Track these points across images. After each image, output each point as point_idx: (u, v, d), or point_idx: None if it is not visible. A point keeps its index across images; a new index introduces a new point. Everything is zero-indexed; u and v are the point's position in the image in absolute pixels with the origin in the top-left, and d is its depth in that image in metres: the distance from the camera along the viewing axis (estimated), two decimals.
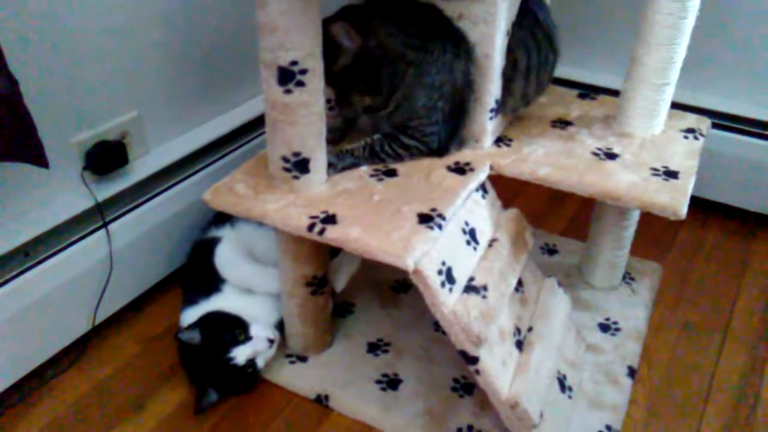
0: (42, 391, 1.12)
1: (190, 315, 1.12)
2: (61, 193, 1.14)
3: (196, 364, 1.09)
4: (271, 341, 1.09)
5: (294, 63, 0.88)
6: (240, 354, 1.06)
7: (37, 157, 0.93)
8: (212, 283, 1.16)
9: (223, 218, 1.25)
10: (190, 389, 1.12)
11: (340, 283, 1.24)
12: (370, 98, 1.03)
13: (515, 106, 1.13)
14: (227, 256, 1.18)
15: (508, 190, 1.18)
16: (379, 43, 0.98)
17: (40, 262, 1.08)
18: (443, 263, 0.91)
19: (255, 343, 1.08)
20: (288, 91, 0.90)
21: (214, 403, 1.09)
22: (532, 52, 1.08)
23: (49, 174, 1.05)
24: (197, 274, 1.20)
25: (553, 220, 1.57)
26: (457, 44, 1.00)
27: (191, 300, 1.15)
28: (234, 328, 1.08)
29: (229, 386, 1.09)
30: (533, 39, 1.07)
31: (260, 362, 1.09)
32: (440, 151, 1.06)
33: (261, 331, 1.09)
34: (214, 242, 1.20)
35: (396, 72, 0.99)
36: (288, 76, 0.89)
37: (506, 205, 1.11)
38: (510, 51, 1.05)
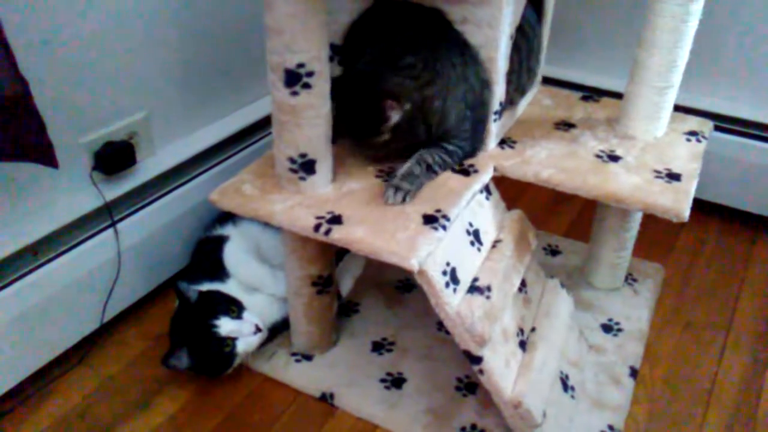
0: (50, 388, 1.14)
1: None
2: (70, 192, 1.15)
3: (181, 320, 1.11)
4: (257, 329, 1.10)
5: (301, 65, 0.90)
6: (224, 325, 1.08)
7: (48, 158, 0.95)
8: (218, 274, 1.18)
9: (226, 217, 1.26)
10: (197, 385, 1.14)
11: (345, 287, 1.25)
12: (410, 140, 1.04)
13: (513, 98, 1.15)
14: (238, 255, 1.19)
15: (511, 191, 1.19)
16: (412, 104, 0.99)
17: (48, 261, 1.09)
18: (447, 264, 0.92)
19: (242, 324, 1.09)
20: (294, 93, 0.92)
21: (180, 368, 1.09)
22: (521, 43, 1.09)
23: (58, 174, 1.07)
24: (203, 264, 1.22)
25: (555, 221, 1.58)
26: (461, 52, 1.02)
27: (194, 280, 1.17)
28: (230, 304, 1.11)
29: (202, 354, 1.08)
30: (520, 29, 1.08)
31: (239, 347, 1.09)
32: (473, 152, 1.09)
33: (252, 318, 1.11)
34: (222, 240, 1.22)
35: (426, 113, 1.00)
36: (294, 79, 0.90)
37: (509, 206, 1.12)
38: None
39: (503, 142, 1.14)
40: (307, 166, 0.98)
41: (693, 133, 1.17)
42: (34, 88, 0.91)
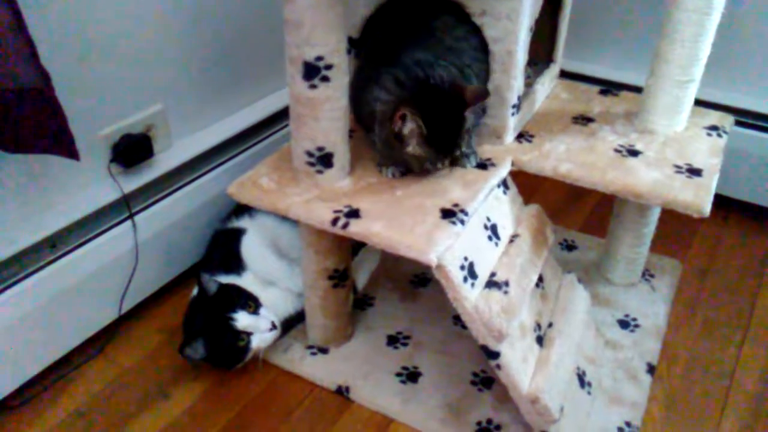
0: (69, 379, 1.15)
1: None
2: (88, 185, 1.16)
3: (198, 312, 1.12)
4: (273, 326, 1.11)
5: (319, 58, 0.89)
6: (242, 319, 1.08)
7: (69, 150, 0.95)
8: (234, 267, 1.19)
9: (243, 210, 1.26)
10: (213, 377, 1.15)
11: (360, 281, 1.26)
12: None
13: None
14: (256, 248, 1.20)
15: (527, 185, 1.18)
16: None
17: (67, 253, 1.10)
18: (465, 258, 0.92)
19: (259, 319, 1.10)
20: (313, 86, 0.91)
21: (196, 359, 1.09)
22: None
23: (77, 166, 1.07)
24: (220, 257, 1.22)
25: (572, 215, 1.57)
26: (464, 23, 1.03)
27: (210, 271, 1.18)
28: (248, 299, 1.12)
29: (217, 345, 1.09)
30: None
31: (254, 342, 1.10)
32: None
33: (268, 314, 1.12)
34: (240, 233, 1.22)
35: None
36: (313, 72, 0.90)
37: (525, 200, 1.12)
38: None
39: (521, 136, 1.13)
40: (325, 160, 0.98)
41: (714, 128, 1.16)
42: (54, 81, 0.91)
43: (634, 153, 1.08)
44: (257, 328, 1.10)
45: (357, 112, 1.05)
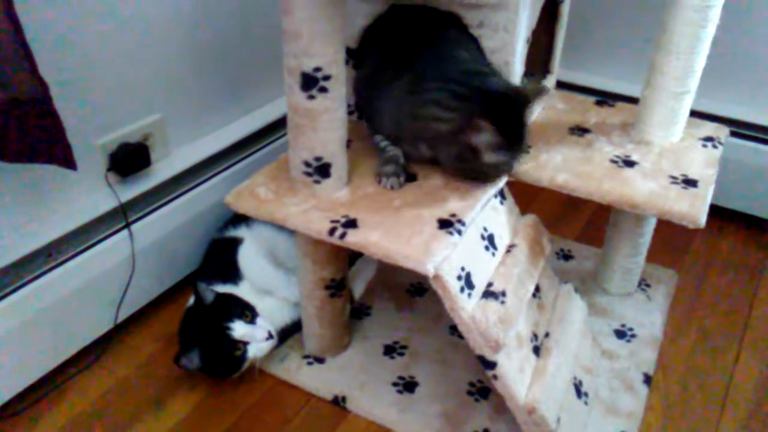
0: (64, 389, 1.14)
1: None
2: (85, 194, 1.15)
3: (194, 322, 1.12)
4: (269, 336, 1.11)
5: (318, 69, 0.90)
6: (238, 328, 1.08)
7: (66, 160, 0.95)
8: (231, 276, 1.19)
9: (240, 219, 1.27)
10: (209, 387, 1.14)
11: (357, 290, 1.26)
12: None
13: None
14: (253, 258, 1.20)
15: (523, 195, 1.19)
16: None
17: (63, 262, 1.10)
18: (462, 269, 0.92)
19: (255, 329, 1.10)
20: (311, 97, 0.92)
21: (192, 369, 1.09)
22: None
23: (73, 175, 1.07)
24: (216, 266, 1.22)
25: (568, 225, 1.57)
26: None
27: (207, 281, 1.18)
28: (244, 309, 1.11)
29: (213, 355, 1.09)
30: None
31: (250, 352, 1.09)
32: None
33: (265, 324, 1.12)
34: (236, 242, 1.22)
35: None
36: (311, 82, 0.90)
37: (522, 210, 1.12)
38: None
39: None
40: (322, 170, 0.98)
41: (709, 139, 1.16)
42: (51, 90, 0.91)
43: (630, 164, 1.09)
44: (253, 337, 1.09)
45: (372, 121, 1.09)
